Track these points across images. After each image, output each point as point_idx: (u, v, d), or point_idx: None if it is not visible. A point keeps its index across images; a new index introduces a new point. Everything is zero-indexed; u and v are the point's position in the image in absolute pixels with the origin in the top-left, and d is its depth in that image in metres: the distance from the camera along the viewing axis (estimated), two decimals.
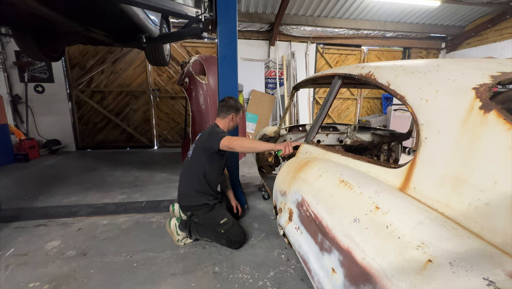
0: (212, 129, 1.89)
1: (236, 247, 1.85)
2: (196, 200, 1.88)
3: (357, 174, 1.01)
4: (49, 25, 2.58)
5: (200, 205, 1.88)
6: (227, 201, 2.27)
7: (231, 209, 2.23)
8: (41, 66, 4.96)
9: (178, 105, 5.74)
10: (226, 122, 1.99)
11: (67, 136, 5.31)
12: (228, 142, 1.72)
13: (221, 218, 1.87)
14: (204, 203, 1.88)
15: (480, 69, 0.77)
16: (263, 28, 5.50)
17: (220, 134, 1.80)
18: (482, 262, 0.55)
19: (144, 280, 1.53)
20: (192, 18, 2.57)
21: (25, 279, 1.53)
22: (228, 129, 2.02)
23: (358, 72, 1.18)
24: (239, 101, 2.07)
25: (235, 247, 1.85)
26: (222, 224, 1.84)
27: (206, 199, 1.89)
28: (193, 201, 1.88)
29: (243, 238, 1.91)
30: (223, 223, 1.85)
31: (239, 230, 1.90)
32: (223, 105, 1.99)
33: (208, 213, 1.88)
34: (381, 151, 2.54)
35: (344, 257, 0.83)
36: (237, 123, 2.08)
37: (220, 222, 1.85)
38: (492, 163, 0.61)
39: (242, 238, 1.89)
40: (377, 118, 5.78)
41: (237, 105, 2.00)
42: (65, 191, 2.99)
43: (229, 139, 1.74)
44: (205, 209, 1.88)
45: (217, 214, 1.89)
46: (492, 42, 5.53)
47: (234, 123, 2.04)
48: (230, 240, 1.83)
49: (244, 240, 1.91)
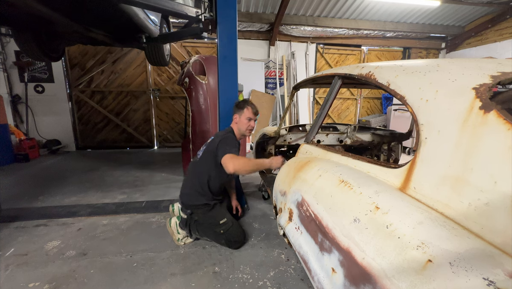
0: (224, 137, 1.84)
1: (235, 247, 1.85)
2: (197, 200, 1.88)
3: (357, 174, 1.01)
4: (49, 25, 2.58)
5: (200, 204, 1.88)
6: (228, 200, 2.26)
7: (231, 209, 2.23)
8: (41, 66, 4.97)
9: (178, 105, 5.74)
10: (234, 125, 1.97)
11: (67, 136, 5.31)
12: (226, 163, 1.68)
13: (221, 218, 1.86)
14: (205, 203, 1.88)
15: (480, 69, 0.77)
16: (263, 28, 5.50)
17: (227, 149, 1.73)
18: (482, 262, 0.55)
19: (144, 280, 1.53)
20: (192, 18, 2.57)
21: (25, 279, 1.52)
22: (241, 132, 1.95)
23: (358, 72, 1.18)
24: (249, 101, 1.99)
25: (234, 247, 1.85)
26: (221, 224, 1.84)
27: (207, 200, 1.89)
28: (194, 200, 1.88)
29: (243, 239, 1.91)
30: (223, 223, 1.84)
31: (238, 231, 1.90)
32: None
33: (208, 212, 1.88)
34: (381, 151, 2.54)
35: (344, 257, 0.83)
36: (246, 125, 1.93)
37: (220, 222, 1.84)
38: (492, 163, 0.61)
39: (241, 238, 1.89)
40: (377, 118, 5.78)
41: (238, 104, 1.96)
42: (65, 191, 2.99)
43: (229, 160, 1.67)
44: (205, 208, 1.88)
45: (217, 214, 1.89)
46: (492, 42, 5.54)
47: (242, 124, 1.93)
48: (229, 240, 1.83)
49: (243, 241, 1.91)
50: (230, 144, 1.79)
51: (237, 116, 1.94)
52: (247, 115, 1.91)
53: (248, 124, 1.92)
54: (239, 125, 1.94)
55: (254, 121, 1.96)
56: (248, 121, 1.92)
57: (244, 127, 1.93)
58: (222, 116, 2.34)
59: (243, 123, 1.92)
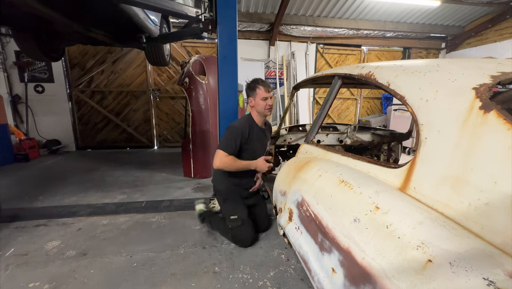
0: (230, 127, 1.87)
1: (240, 245, 1.87)
2: (218, 184, 1.99)
3: (357, 174, 1.01)
4: (49, 25, 2.58)
5: (221, 189, 1.98)
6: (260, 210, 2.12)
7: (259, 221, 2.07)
8: (41, 66, 4.96)
9: (178, 105, 5.74)
10: (252, 109, 1.92)
11: (67, 136, 5.31)
12: (214, 158, 1.81)
13: (233, 213, 1.87)
14: (225, 188, 1.96)
15: (480, 69, 0.77)
16: (263, 28, 5.50)
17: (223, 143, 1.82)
18: (482, 262, 0.55)
19: (144, 280, 1.53)
20: (192, 18, 2.57)
21: (25, 279, 1.52)
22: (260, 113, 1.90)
23: (358, 72, 1.18)
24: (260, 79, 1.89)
25: (239, 245, 1.87)
26: (231, 220, 1.86)
27: (226, 185, 1.95)
28: (218, 183, 2.00)
29: (249, 241, 1.87)
30: (233, 219, 1.86)
31: (246, 232, 1.87)
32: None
33: (224, 203, 1.96)
34: (381, 151, 2.54)
35: (344, 257, 0.83)
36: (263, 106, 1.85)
37: (230, 217, 1.86)
38: (492, 163, 0.61)
39: (247, 239, 1.87)
40: (377, 118, 5.78)
41: (250, 86, 1.88)
42: (65, 191, 2.99)
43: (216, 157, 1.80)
44: (223, 196, 1.98)
45: (232, 208, 1.91)
46: (492, 42, 5.53)
47: (259, 106, 1.85)
48: (235, 237, 1.87)
49: (249, 243, 1.88)
50: (229, 138, 1.81)
51: (251, 99, 1.88)
52: (262, 96, 1.83)
53: (265, 104, 1.86)
54: (256, 108, 1.88)
55: (270, 99, 1.89)
56: (265, 101, 1.85)
57: (262, 108, 1.87)
58: (222, 116, 2.34)
59: (260, 105, 1.86)
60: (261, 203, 2.16)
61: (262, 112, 1.89)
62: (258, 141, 1.95)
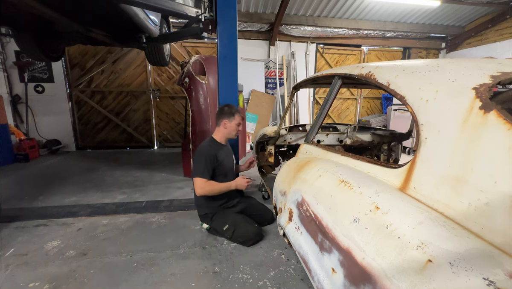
0: (197, 153, 1.95)
1: (247, 245, 1.89)
2: (200, 210, 2.06)
3: (357, 174, 1.01)
4: (49, 25, 2.58)
5: (202, 215, 2.05)
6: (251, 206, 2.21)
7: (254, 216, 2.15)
8: (41, 66, 4.96)
9: (178, 105, 5.74)
10: (220, 130, 2.03)
11: (67, 136, 5.31)
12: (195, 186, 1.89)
13: (223, 224, 1.92)
14: (205, 213, 2.03)
15: (480, 69, 0.77)
16: (263, 28, 5.50)
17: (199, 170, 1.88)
18: (482, 262, 0.55)
19: (144, 280, 1.53)
20: (192, 18, 2.57)
21: (25, 279, 1.52)
22: (230, 135, 2.04)
23: (358, 72, 1.17)
24: (235, 107, 2.04)
25: (246, 245, 1.89)
26: (225, 231, 1.91)
27: (205, 210, 2.03)
28: (199, 210, 2.08)
29: (252, 235, 1.89)
30: (226, 229, 1.91)
31: (243, 230, 1.90)
32: (217, 114, 2.05)
33: (211, 222, 2.00)
34: (381, 151, 2.54)
35: (344, 257, 0.83)
36: (236, 130, 2.03)
37: (224, 229, 1.91)
38: (492, 163, 0.61)
39: (248, 235, 1.89)
40: (377, 118, 5.78)
41: (230, 110, 1.99)
42: (65, 191, 2.99)
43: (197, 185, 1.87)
44: (208, 218, 2.02)
45: (221, 221, 1.96)
46: (492, 42, 5.53)
47: (230, 130, 2.01)
48: (239, 242, 1.91)
49: (253, 237, 1.90)
50: (203, 164, 1.89)
51: (226, 122, 2.00)
52: (237, 121, 2.02)
53: (238, 129, 2.05)
54: (229, 130, 2.02)
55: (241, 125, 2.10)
56: (238, 126, 2.04)
57: (234, 132, 2.04)
58: None
59: (233, 128, 2.02)
60: (251, 201, 2.27)
61: (232, 135, 2.06)
62: (227, 159, 2.07)
